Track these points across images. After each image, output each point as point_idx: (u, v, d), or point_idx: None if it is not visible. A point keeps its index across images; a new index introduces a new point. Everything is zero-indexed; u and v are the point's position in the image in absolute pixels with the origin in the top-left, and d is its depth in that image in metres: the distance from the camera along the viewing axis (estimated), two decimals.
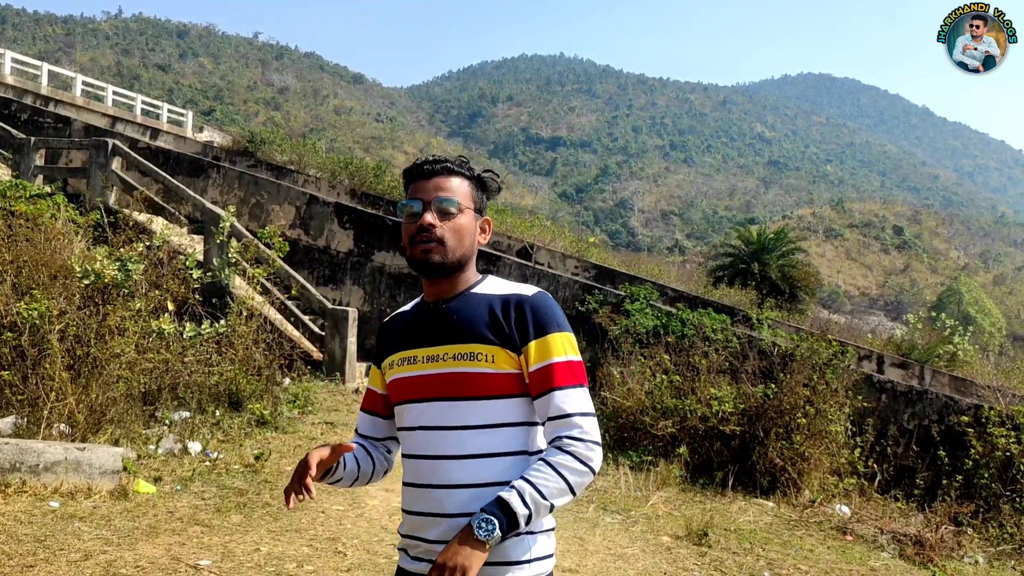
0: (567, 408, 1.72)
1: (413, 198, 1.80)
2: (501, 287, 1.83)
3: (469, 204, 1.81)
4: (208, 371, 7.52)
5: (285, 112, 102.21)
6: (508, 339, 1.74)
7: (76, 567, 3.71)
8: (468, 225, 1.81)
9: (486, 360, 1.73)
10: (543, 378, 1.73)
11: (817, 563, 5.56)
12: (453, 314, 1.79)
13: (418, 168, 1.83)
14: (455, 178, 1.81)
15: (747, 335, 9.47)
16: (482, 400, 1.73)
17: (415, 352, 1.80)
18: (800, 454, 7.59)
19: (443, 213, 1.77)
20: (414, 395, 1.77)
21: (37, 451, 4.63)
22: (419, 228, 1.76)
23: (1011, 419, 8.19)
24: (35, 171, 10.92)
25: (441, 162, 1.81)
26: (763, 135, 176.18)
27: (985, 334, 47.59)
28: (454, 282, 1.82)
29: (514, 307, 1.77)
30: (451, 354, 1.75)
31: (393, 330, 1.91)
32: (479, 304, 1.79)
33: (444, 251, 1.76)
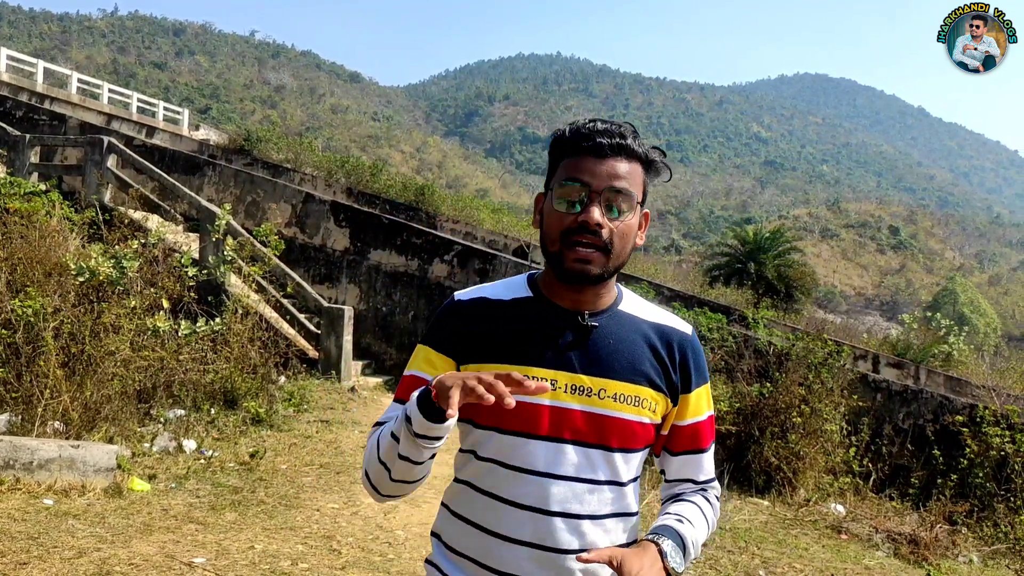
0: (711, 472, 1.57)
1: (575, 178, 1.37)
2: (649, 311, 1.52)
3: (640, 197, 1.41)
4: (203, 369, 7.50)
5: (281, 111, 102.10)
6: (672, 387, 1.48)
7: (70, 564, 3.70)
8: (635, 226, 1.42)
9: (650, 409, 1.44)
10: (695, 435, 1.52)
11: (812, 562, 5.57)
12: (608, 338, 1.44)
13: (589, 140, 1.38)
14: (630, 162, 1.39)
15: (743, 334, 9.48)
16: (634, 453, 1.45)
17: (553, 374, 1.39)
18: (795, 453, 7.60)
19: (614, 210, 1.37)
20: (546, 430, 1.38)
21: (31, 448, 4.62)
22: (581, 226, 1.35)
23: (1006, 418, 8.21)
24: (30, 168, 10.89)
25: (620, 137, 1.38)
26: (759, 135, 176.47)
27: (980, 334, 47.75)
28: (600, 291, 1.45)
29: (678, 348, 1.49)
30: (611, 393, 1.40)
31: (484, 322, 1.46)
32: (634, 332, 1.47)
33: (606, 260, 1.38)
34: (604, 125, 1.39)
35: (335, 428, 7.61)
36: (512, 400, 1.18)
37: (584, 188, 1.36)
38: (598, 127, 1.39)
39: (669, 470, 1.55)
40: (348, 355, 9.89)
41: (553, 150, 1.45)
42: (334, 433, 7.42)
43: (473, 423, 1.43)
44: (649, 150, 1.42)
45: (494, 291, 1.50)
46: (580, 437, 1.38)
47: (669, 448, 1.53)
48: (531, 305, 1.46)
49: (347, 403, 8.83)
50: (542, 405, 1.37)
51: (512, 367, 1.37)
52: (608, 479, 1.40)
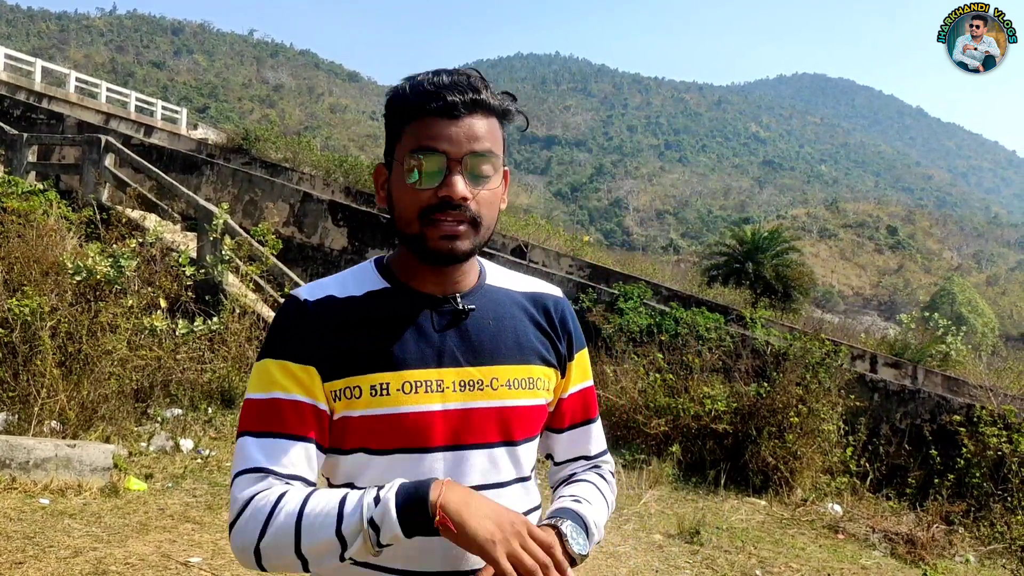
0: (603, 443, 1.41)
1: (428, 147, 1.13)
2: (516, 280, 1.35)
3: (502, 156, 1.21)
4: (201, 368, 7.50)
5: (280, 110, 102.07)
6: (560, 357, 1.31)
7: (66, 564, 3.70)
8: (500, 190, 1.22)
9: (544, 388, 1.27)
10: (582, 405, 1.36)
11: (809, 561, 5.57)
12: (488, 319, 1.25)
13: (438, 97, 1.14)
14: (488, 117, 1.17)
15: (740, 334, 9.49)
16: (534, 440, 1.29)
17: (437, 374, 1.18)
18: (792, 453, 7.61)
19: (478, 177, 1.16)
20: (442, 440, 1.17)
21: (27, 448, 4.61)
22: (443, 201, 1.13)
23: (1003, 418, 8.22)
24: (28, 167, 10.87)
25: (473, 91, 1.16)
26: (758, 135, 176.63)
27: (978, 334, 47.78)
28: (467, 268, 1.26)
29: (556, 312, 1.32)
30: (504, 380, 1.22)
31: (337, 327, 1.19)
32: (509, 304, 1.29)
33: (476, 234, 1.18)
34: (451, 78, 1.16)
35: None
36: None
37: (441, 157, 1.13)
38: (444, 81, 1.15)
39: (558, 451, 1.38)
40: None
41: (392, 112, 1.20)
42: None
43: (339, 450, 1.19)
44: (503, 100, 1.21)
45: (340, 286, 1.24)
46: (482, 439, 1.20)
47: (556, 425, 1.35)
48: (390, 298, 1.22)
49: None
50: (432, 412, 1.17)
51: (390, 375, 1.16)
52: (515, 478, 1.23)
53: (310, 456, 1.16)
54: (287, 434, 1.15)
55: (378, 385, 1.16)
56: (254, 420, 1.16)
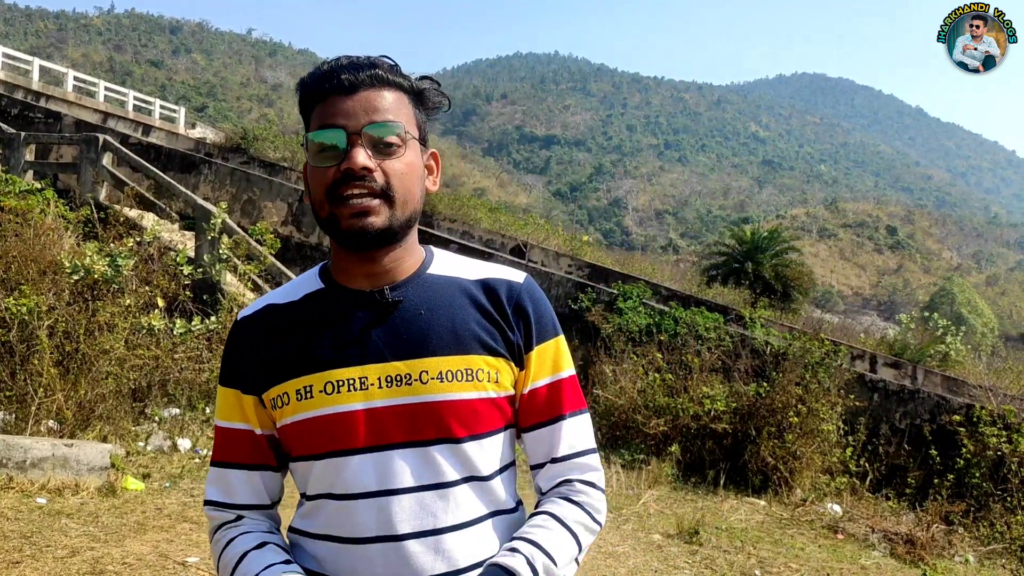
0: (579, 444, 1.25)
1: (328, 126, 1.12)
2: (467, 267, 1.27)
3: (414, 131, 1.17)
4: (198, 368, 7.48)
5: (278, 109, 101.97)
6: (512, 346, 1.21)
7: (63, 564, 3.68)
8: (417, 164, 1.17)
9: (489, 379, 1.17)
10: (549, 401, 1.24)
11: (808, 561, 5.56)
12: (419, 309, 1.18)
13: (332, 76, 1.14)
14: (390, 91, 1.16)
15: (740, 334, 9.48)
16: (489, 437, 1.19)
17: (360, 371, 1.14)
18: (792, 453, 7.60)
19: (381, 148, 1.12)
20: (367, 440, 1.13)
21: (24, 447, 4.59)
22: (346, 174, 1.10)
23: (1002, 418, 8.21)
24: (25, 166, 10.85)
25: (365, 67, 1.14)
26: (757, 135, 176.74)
27: (977, 334, 47.82)
28: (399, 256, 1.19)
29: (508, 297, 1.23)
30: (434, 373, 1.14)
31: (274, 336, 1.19)
32: (451, 292, 1.21)
33: (390, 209, 1.13)
34: (349, 59, 1.15)
35: None
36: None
37: (339, 133, 1.11)
38: (342, 62, 1.15)
39: (529, 452, 1.26)
40: None
41: (301, 102, 1.19)
42: None
43: (293, 458, 1.20)
44: (414, 79, 1.20)
45: (282, 294, 1.25)
46: (412, 436, 1.13)
47: (523, 424, 1.24)
48: (323, 298, 1.20)
49: None
50: (355, 411, 1.13)
51: (313, 377, 1.14)
52: (464, 476, 1.15)
53: (254, 482, 1.22)
54: (232, 463, 1.22)
55: (302, 388, 1.15)
56: (215, 448, 1.25)
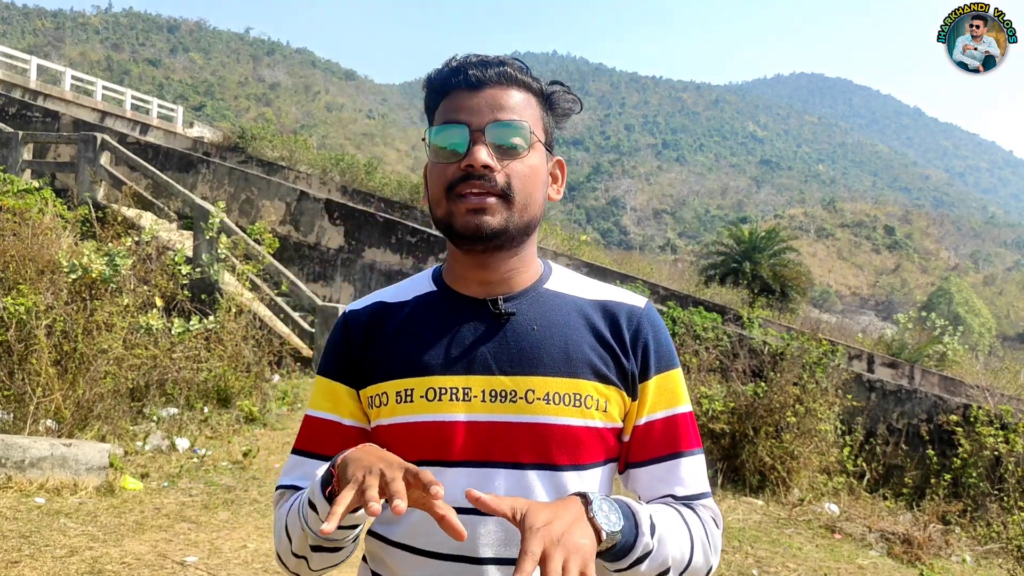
0: (696, 486, 1.16)
1: (451, 121, 1.08)
2: (586, 287, 1.20)
3: (540, 134, 1.12)
4: (197, 367, 7.48)
5: (276, 108, 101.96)
6: (626, 375, 1.13)
7: (61, 563, 3.68)
8: (541, 168, 1.12)
9: (597, 408, 1.10)
10: (666, 436, 1.15)
11: (806, 561, 5.57)
12: (532, 324, 1.12)
13: (460, 71, 1.09)
14: (518, 90, 1.10)
15: (738, 334, 9.49)
16: (590, 469, 1.11)
17: (464, 381, 1.09)
18: (789, 453, 7.61)
19: (505, 148, 1.07)
20: (464, 454, 1.07)
21: (23, 447, 4.59)
22: (466, 173, 1.06)
23: (999, 418, 8.23)
24: (23, 165, 10.85)
25: (495, 64, 1.09)
26: (755, 134, 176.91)
27: (975, 334, 47.94)
28: (516, 266, 1.14)
29: (628, 323, 1.15)
30: (540, 393, 1.08)
31: (381, 333, 1.16)
32: (566, 311, 1.15)
33: (508, 210, 1.07)
34: (479, 57, 1.10)
35: None
36: (403, 504, 0.85)
37: (462, 129, 1.07)
38: (472, 59, 1.10)
39: (640, 489, 1.16)
40: None
41: (427, 97, 1.15)
42: None
43: None
44: (544, 83, 1.15)
45: (394, 293, 1.21)
46: (511, 457, 1.06)
47: (633, 459, 1.15)
48: (434, 301, 1.17)
49: None
50: (455, 422, 1.07)
51: (415, 380, 1.10)
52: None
53: None
54: (315, 454, 1.17)
55: (403, 391, 1.10)
56: (299, 436, 1.21)
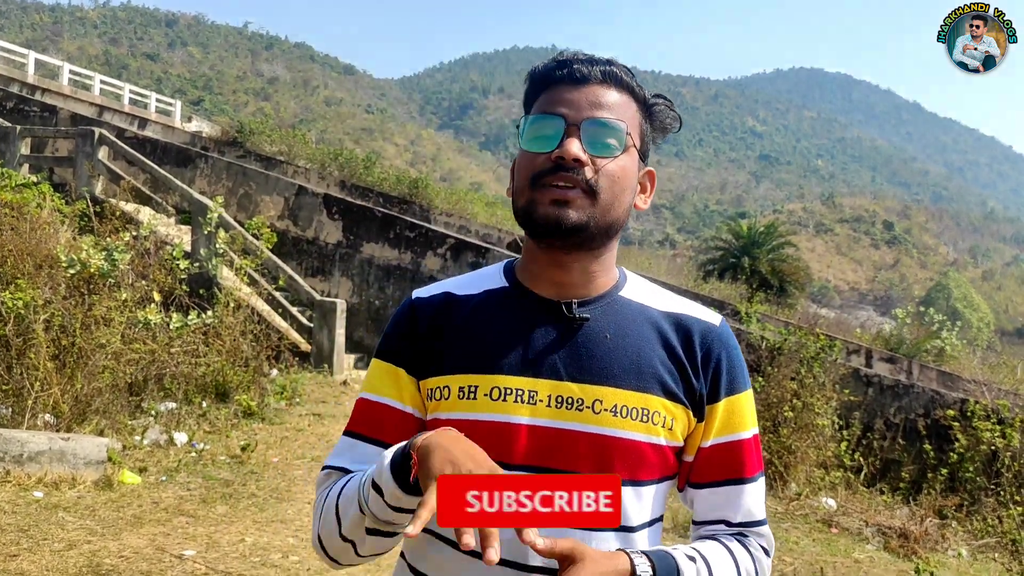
0: (755, 513, 1.15)
1: (548, 112, 1.07)
2: (661, 296, 1.18)
3: (636, 139, 1.11)
4: (195, 362, 7.49)
5: (275, 103, 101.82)
6: (695, 394, 1.11)
7: (60, 557, 3.70)
8: (631, 172, 1.10)
9: (663, 425, 1.08)
10: (731, 459, 1.13)
11: (802, 555, 5.60)
12: (605, 332, 1.10)
13: (566, 65, 1.09)
14: (621, 92, 1.10)
15: (736, 329, 9.51)
16: (648, 486, 1.10)
17: (531, 384, 1.07)
18: (787, 447, 7.63)
19: (599, 146, 1.06)
20: (523, 458, 1.05)
21: (21, 441, 4.60)
22: (555, 164, 1.04)
23: (996, 413, 8.26)
24: (20, 160, 10.84)
25: (601, 62, 1.09)
26: (754, 129, 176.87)
27: (973, 329, 48.02)
28: (593, 269, 1.12)
29: (701, 342, 1.12)
30: (608, 404, 1.06)
31: (447, 325, 1.14)
32: (640, 322, 1.12)
33: (590, 206, 1.05)
34: (587, 55, 1.10)
35: (327, 421, 7.61)
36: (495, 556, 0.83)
37: (558, 121, 1.06)
38: (580, 56, 1.10)
39: (697, 508, 1.17)
40: (341, 348, 9.88)
41: (528, 88, 1.14)
42: (326, 427, 7.42)
43: None
44: (650, 95, 1.15)
45: (461, 284, 1.19)
46: (570, 465, 1.04)
47: (694, 479, 1.15)
48: (505, 298, 1.14)
49: (339, 396, 8.82)
50: (519, 424, 1.05)
51: (480, 378, 1.08)
52: (639, 523, 1.09)
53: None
54: (368, 437, 1.14)
55: (466, 387, 1.08)
56: (352, 418, 1.18)
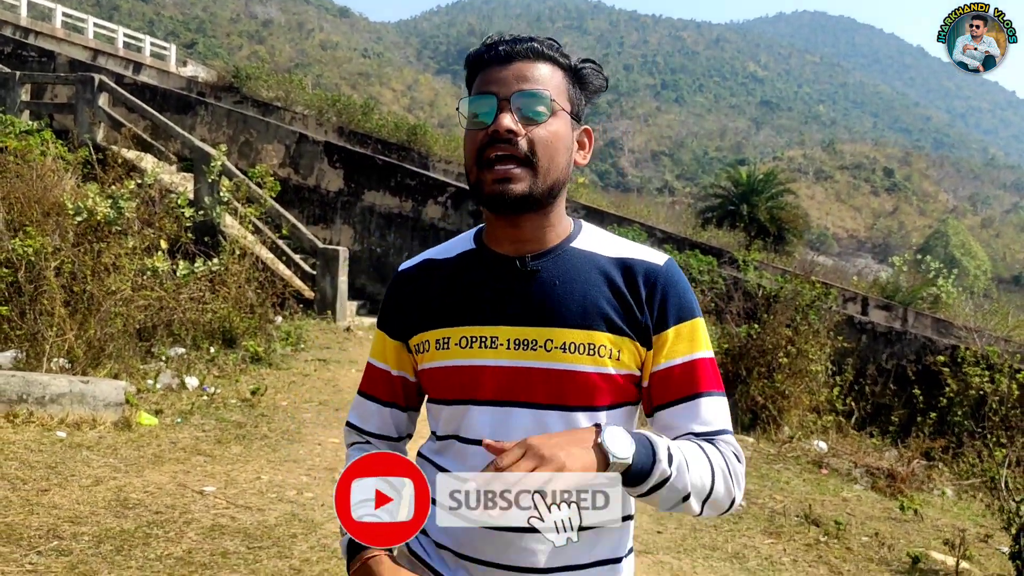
0: (717, 422, 1.24)
1: (481, 92, 1.22)
2: (610, 243, 1.31)
3: (565, 104, 1.23)
4: (202, 309, 7.62)
5: (270, 46, 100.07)
6: (640, 327, 1.24)
7: (88, 491, 3.89)
8: (564, 134, 1.23)
9: (610, 357, 1.22)
10: (684, 379, 1.24)
11: (792, 493, 5.82)
12: (555, 280, 1.25)
13: (490, 49, 1.23)
14: (544, 64, 1.23)
15: (733, 277, 9.64)
16: (600, 411, 1.23)
17: (492, 331, 1.23)
18: (781, 392, 7.84)
19: (528, 115, 1.19)
20: (490, 394, 1.22)
21: (43, 383, 4.77)
22: (491, 137, 1.18)
23: (985, 359, 8.45)
24: (21, 106, 10.81)
25: (523, 41, 1.23)
26: (755, 74, 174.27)
27: (970, 276, 48.21)
28: (543, 225, 1.27)
29: (644, 280, 1.26)
30: (558, 342, 1.21)
31: (427, 288, 1.32)
32: (588, 268, 1.27)
33: (532, 174, 1.19)
34: (512, 36, 1.24)
35: (332, 367, 7.78)
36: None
37: (491, 99, 1.20)
38: (505, 37, 1.24)
39: (662, 427, 1.27)
40: (343, 295, 10.02)
41: (467, 76, 1.28)
42: (331, 372, 7.60)
43: (429, 400, 1.34)
44: (578, 61, 1.27)
45: (441, 250, 1.37)
46: (530, 398, 1.20)
47: (656, 402, 1.26)
48: (473, 258, 1.31)
49: (343, 342, 8.99)
50: (484, 366, 1.22)
51: (452, 330, 1.26)
52: None
53: (384, 416, 1.40)
54: (373, 397, 1.40)
55: (441, 339, 1.27)
56: (362, 380, 1.43)
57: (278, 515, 3.97)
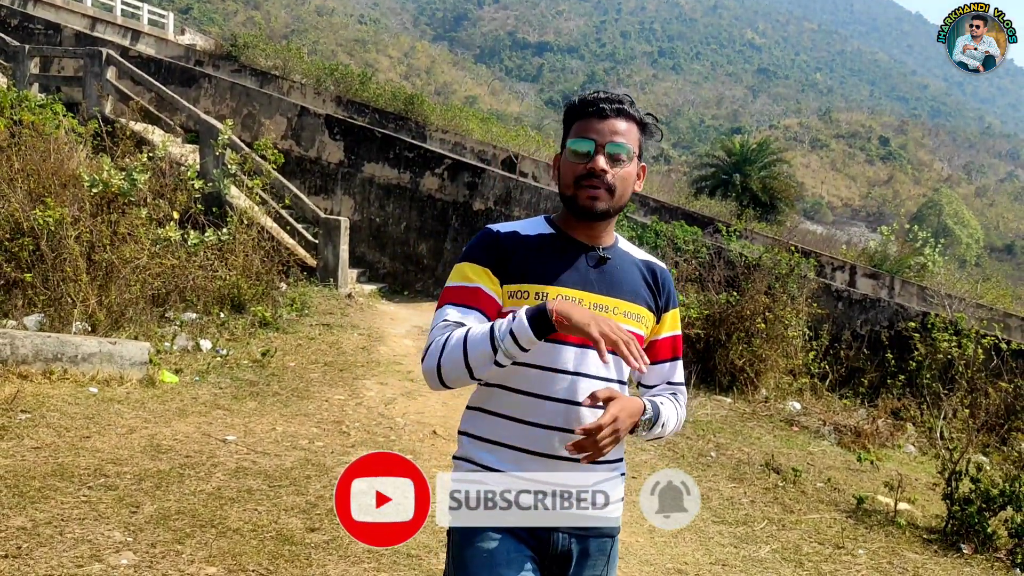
0: (681, 377, 1.97)
1: (583, 137, 1.75)
2: (633, 249, 1.93)
3: (635, 149, 1.78)
4: (212, 276, 8.04)
5: (265, 12, 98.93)
6: (657, 307, 1.87)
7: (125, 438, 4.37)
8: (633, 173, 1.80)
9: (645, 325, 1.83)
10: (672, 347, 1.92)
11: (761, 447, 6.32)
12: (616, 267, 1.83)
13: (594, 106, 1.76)
14: (628, 122, 1.77)
15: (716, 246, 10.07)
16: None
17: (579, 294, 1.75)
18: (758, 356, 8.29)
19: (614, 159, 1.74)
20: (575, 340, 1.71)
21: (75, 344, 5.22)
22: (589, 172, 1.72)
23: (954, 325, 8.91)
24: (30, 79, 11.10)
25: (618, 102, 1.76)
26: (753, 42, 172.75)
27: (962, 246, 48.59)
28: (607, 230, 1.84)
29: (660, 278, 1.89)
30: (621, 310, 1.78)
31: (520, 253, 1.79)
32: (630, 263, 1.87)
33: (610, 200, 1.75)
34: (606, 94, 1.77)
35: (335, 331, 8.24)
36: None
37: (591, 142, 1.73)
38: (601, 96, 1.76)
39: (650, 377, 1.90)
40: (345, 264, 10.45)
41: (566, 116, 1.82)
42: (335, 336, 8.06)
43: None
44: (644, 115, 1.81)
45: (522, 227, 1.84)
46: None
47: (652, 359, 1.86)
48: (554, 239, 1.81)
49: (345, 308, 9.44)
50: None
51: (549, 287, 1.74)
52: (617, 378, 1.79)
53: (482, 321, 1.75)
54: (470, 306, 1.76)
55: (540, 293, 1.74)
56: (453, 296, 1.78)
57: (293, 460, 4.46)
